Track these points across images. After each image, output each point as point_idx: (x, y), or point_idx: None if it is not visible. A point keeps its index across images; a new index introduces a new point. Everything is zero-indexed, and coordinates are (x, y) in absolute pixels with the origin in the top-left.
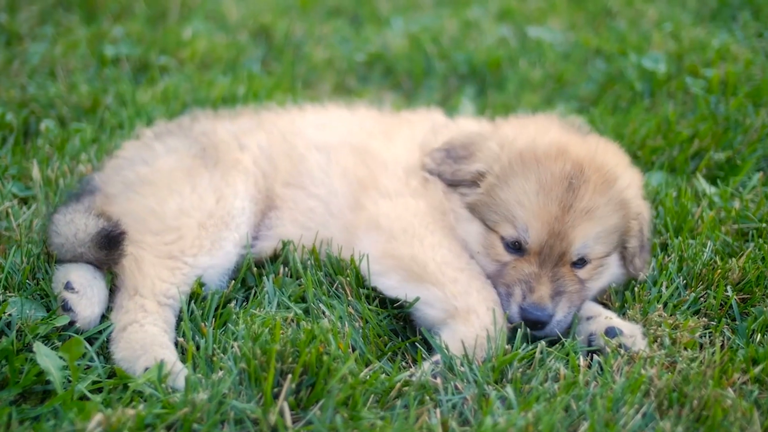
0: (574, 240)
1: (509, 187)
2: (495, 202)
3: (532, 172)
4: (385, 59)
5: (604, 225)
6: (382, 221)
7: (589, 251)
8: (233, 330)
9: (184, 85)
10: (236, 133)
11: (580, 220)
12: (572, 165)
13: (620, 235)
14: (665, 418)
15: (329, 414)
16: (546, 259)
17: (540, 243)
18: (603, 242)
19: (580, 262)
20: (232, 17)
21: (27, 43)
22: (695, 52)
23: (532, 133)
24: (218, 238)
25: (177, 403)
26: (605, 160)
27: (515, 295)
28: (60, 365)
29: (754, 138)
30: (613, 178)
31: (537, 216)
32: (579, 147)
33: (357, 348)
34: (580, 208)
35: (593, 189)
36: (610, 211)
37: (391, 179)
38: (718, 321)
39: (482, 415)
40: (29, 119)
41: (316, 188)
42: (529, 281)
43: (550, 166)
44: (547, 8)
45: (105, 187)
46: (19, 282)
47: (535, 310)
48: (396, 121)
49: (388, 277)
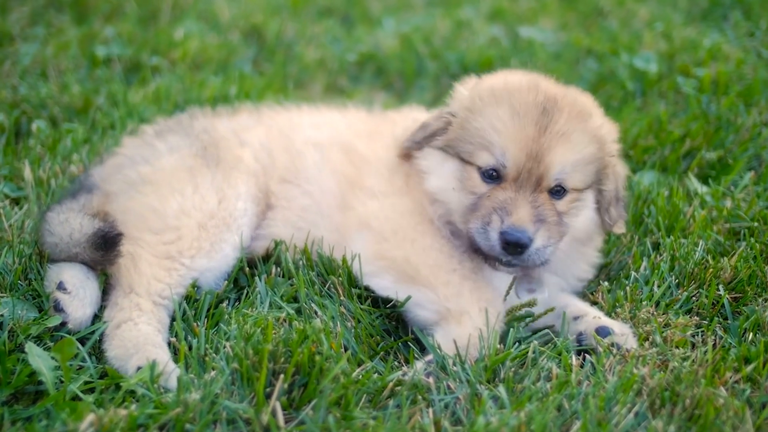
0: (551, 163)
1: (483, 116)
2: (469, 133)
3: (505, 101)
4: (376, 59)
5: (581, 152)
6: (372, 222)
7: (567, 177)
8: (225, 330)
9: (176, 86)
10: (236, 130)
11: (556, 142)
12: (545, 96)
13: (597, 171)
14: (657, 417)
15: (322, 414)
16: (524, 183)
17: (518, 166)
18: (580, 171)
19: (558, 190)
20: (224, 17)
21: (18, 43)
22: (686, 51)
23: (500, 75)
24: (218, 240)
25: (169, 403)
26: (578, 97)
27: (493, 223)
28: (52, 365)
29: (746, 137)
30: (587, 113)
31: (513, 138)
32: (551, 85)
33: (349, 348)
34: (556, 130)
35: (568, 115)
36: (587, 140)
37: (377, 179)
38: (710, 320)
39: (475, 415)
40: (21, 120)
41: (310, 185)
42: (505, 207)
43: (523, 95)
44: (539, 8)
45: (104, 185)
46: (11, 282)
47: (515, 232)
48: (380, 120)
49: (381, 277)
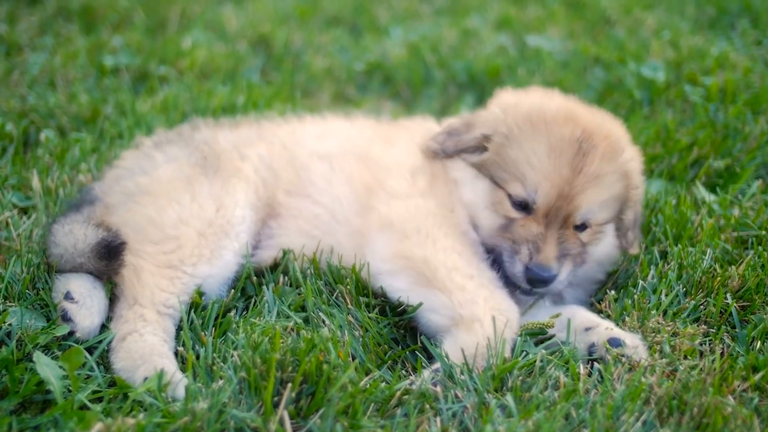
0: (581, 204)
1: (519, 147)
2: (504, 161)
3: (542, 134)
4: (384, 68)
5: (609, 192)
6: (395, 220)
7: (593, 216)
8: (233, 339)
9: (184, 95)
10: (237, 144)
11: (589, 185)
12: (582, 130)
13: (620, 205)
14: (665, 426)
15: (329, 423)
16: (552, 220)
17: (548, 204)
18: (606, 209)
19: (581, 225)
20: (232, 27)
21: (27, 53)
22: (694, 60)
23: (537, 99)
24: (218, 247)
25: (177, 413)
26: (612, 129)
27: (522, 254)
28: (60, 375)
29: (753, 146)
30: (620, 148)
31: (548, 177)
32: (587, 114)
33: (357, 357)
34: (590, 172)
35: (602, 155)
36: (616, 179)
37: (399, 181)
38: (717, 329)
39: (482, 424)
40: (29, 129)
41: (320, 197)
42: (536, 241)
43: (560, 129)
44: (546, 17)
45: (105, 197)
46: (19, 292)
47: (541, 271)
48: (394, 128)
49: (397, 278)
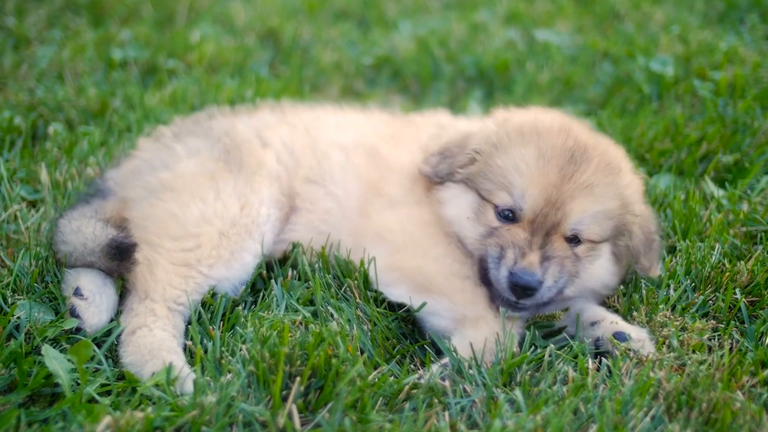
0: (570, 212)
1: (507, 155)
2: (491, 170)
3: (532, 142)
4: (392, 62)
5: (602, 205)
6: (386, 234)
7: (584, 228)
8: (242, 333)
9: (192, 89)
10: (258, 129)
11: (579, 193)
12: (575, 142)
13: (616, 226)
14: (674, 421)
15: (338, 417)
16: (539, 227)
17: (535, 210)
18: (599, 224)
19: (572, 239)
20: (240, 21)
21: (35, 46)
22: (703, 54)
23: (532, 114)
24: (239, 249)
25: (185, 406)
26: (610, 150)
27: (507, 258)
28: (68, 368)
29: (762, 141)
30: (617, 167)
31: (535, 182)
32: (584, 131)
33: (365, 351)
34: (582, 180)
35: (596, 167)
36: (611, 194)
37: (396, 187)
38: (726, 324)
39: (491, 418)
40: (37, 123)
41: (336, 187)
42: (522, 246)
43: (552, 138)
44: (555, 11)
45: (122, 191)
46: (27, 285)
47: (524, 275)
48: (404, 124)
49: (396, 287)
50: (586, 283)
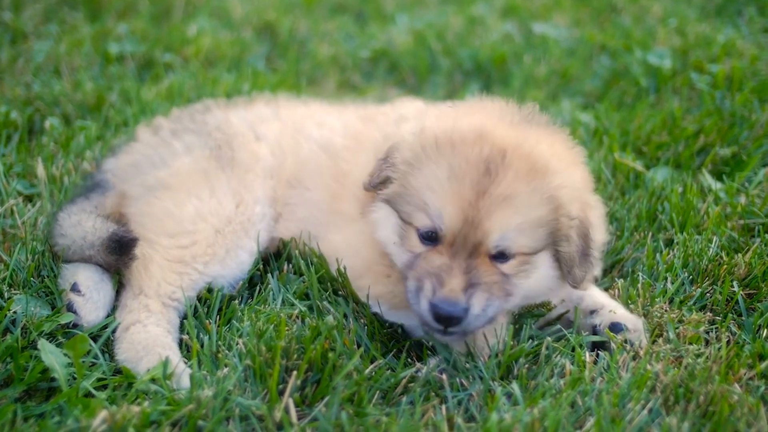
0: (490, 230)
1: (421, 174)
2: (408, 192)
3: (445, 158)
4: (389, 56)
5: (526, 216)
6: (345, 260)
7: (510, 244)
8: (238, 327)
9: (189, 83)
10: (252, 122)
11: (496, 207)
12: (491, 149)
13: (550, 233)
14: (671, 414)
15: (334, 410)
16: (459, 249)
17: (453, 231)
18: (527, 236)
19: (500, 256)
20: (237, 14)
21: (32, 41)
22: (700, 47)
23: (452, 119)
24: (234, 246)
25: (182, 400)
26: (537, 150)
27: (425, 290)
28: (65, 362)
29: (760, 133)
30: (543, 170)
31: (449, 201)
32: (505, 133)
33: (362, 344)
34: (497, 193)
35: (515, 175)
36: (536, 202)
37: (350, 203)
38: (724, 316)
39: (488, 411)
40: (34, 117)
41: (311, 194)
42: (439, 274)
43: (465, 150)
44: (552, 4)
45: (121, 185)
46: (23, 279)
47: (446, 306)
48: (367, 121)
49: (375, 306)
50: (527, 296)
